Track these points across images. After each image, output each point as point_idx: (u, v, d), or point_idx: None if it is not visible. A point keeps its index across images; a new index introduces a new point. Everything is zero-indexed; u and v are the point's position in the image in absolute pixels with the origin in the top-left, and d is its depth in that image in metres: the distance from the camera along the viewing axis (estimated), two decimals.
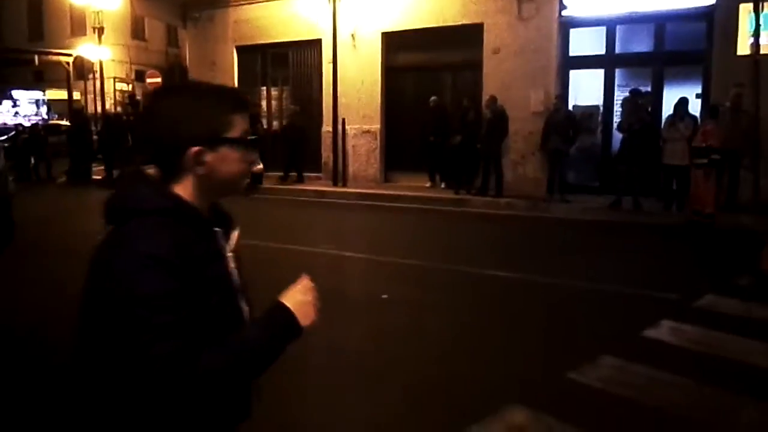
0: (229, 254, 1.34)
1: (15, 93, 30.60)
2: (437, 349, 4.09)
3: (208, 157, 1.22)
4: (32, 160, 16.02)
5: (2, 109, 30.75)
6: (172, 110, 1.24)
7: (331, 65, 13.03)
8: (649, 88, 10.68)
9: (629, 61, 11.34)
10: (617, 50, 11.19)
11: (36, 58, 22.42)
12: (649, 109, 10.10)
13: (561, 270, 6.19)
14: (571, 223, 9.16)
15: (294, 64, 14.51)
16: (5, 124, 28.25)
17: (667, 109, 9.91)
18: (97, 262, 1.20)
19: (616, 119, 10.75)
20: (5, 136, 20.95)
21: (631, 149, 9.54)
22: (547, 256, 7.10)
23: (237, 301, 1.35)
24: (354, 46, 13.17)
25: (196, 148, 1.20)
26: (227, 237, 1.35)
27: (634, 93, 9.82)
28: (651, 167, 9.65)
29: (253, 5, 14.47)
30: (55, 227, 8.91)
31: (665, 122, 9.58)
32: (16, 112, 30.13)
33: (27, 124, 20.12)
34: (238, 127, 1.25)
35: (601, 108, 11.33)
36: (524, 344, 4.22)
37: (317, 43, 13.70)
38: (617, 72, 11.24)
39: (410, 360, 3.92)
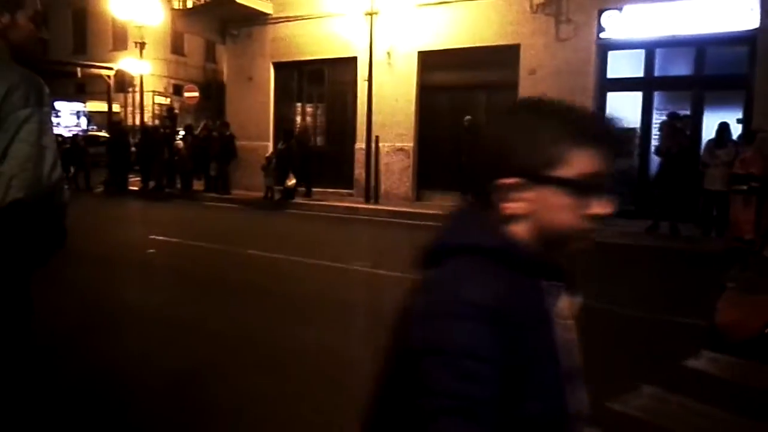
0: (566, 321, 1.05)
1: (57, 104, 31.50)
2: None
3: (524, 195, 0.95)
4: (72, 170, 16.41)
5: None
6: (501, 129, 1.03)
7: (366, 83, 13.13)
8: (688, 112, 10.53)
9: (668, 84, 11.20)
10: (656, 73, 11.07)
11: (78, 70, 23.08)
12: (688, 133, 9.94)
13: (597, 295, 6.05)
14: (607, 247, 8.97)
15: (329, 81, 14.67)
16: None
17: (707, 133, 9.75)
18: (406, 310, 0.99)
19: (654, 143, 10.59)
20: None
21: (669, 173, 9.38)
22: (582, 280, 6.96)
23: (561, 391, 0.98)
24: (389, 64, 13.26)
25: (506, 180, 0.95)
26: (565, 297, 1.06)
27: (673, 116, 9.69)
28: (689, 192, 9.47)
29: (290, 23, 14.70)
30: (90, 235, 9.08)
31: (705, 147, 9.41)
32: (58, 123, 31.01)
33: (67, 134, 20.67)
34: (577, 165, 0.94)
35: (639, 131, 11.18)
36: None
37: (353, 60, 13.83)
38: (656, 95, 11.10)
39: None
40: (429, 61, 13.08)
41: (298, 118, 15.28)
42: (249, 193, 14.12)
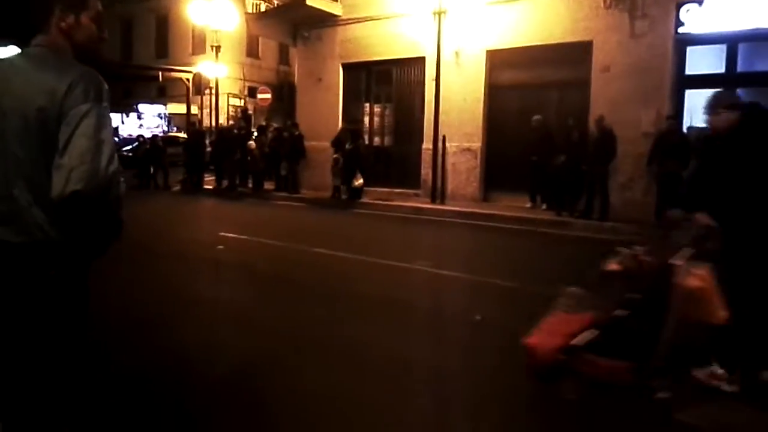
0: None
1: (141, 106, 33.11)
2: (530, 380, 3.94)
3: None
4: (151, 169, 17.19)
5: (129, 121, 33.39)
6: None
7: (434, 83, 13.10)
8: None
9: (753, 80, 10.59)
10: (739, 69, 10.49)
11: (160, 74, 24.14)
12: None
13: None
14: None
15: (397, 81, 14.72)
16: (131, 135, 30.65)
17: None
18: None
19: None
20: (129, 146, 22.69)
21: None
22: None
23: None
24: (457, 63, 13.18)
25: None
26: None
27: None
28: None
29: (359, 24, 14.85)
30: (165, 232, 9.49)
31: None
32: (141, 124, 32.59)
33: (148, 135, 21.65)
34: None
35: None
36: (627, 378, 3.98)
37: (421, 60, 13.82)
38: (739, 92, 10.48)
39: (497, 385, 3.80)
40: (497, 60, 12.90)
41: (366, 119, 15.42)
42: (317, 193, 14.36)
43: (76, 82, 1.80)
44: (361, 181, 13.25)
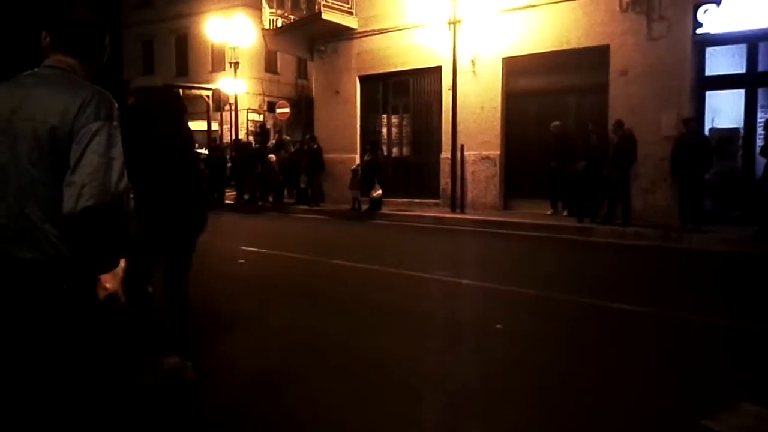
0: None
1: None
2: (550, 385, 3.88)
3: None
4: None
5: None
6: None
7: (451, 92, 13.10)
8: None
9: None
10: (760, 68, 10.33)
11: (181, 92, 24.44)
12: None
13: (695, 305, 5.71)
14: (708, 255, 8.47)
15: (414, 91, 14.75)
16: None
17: None
18: None
19: (759, 142, 9.87)
20: None
21: None
22: (679, 290, 6.59)
23: None
24: (474, 72, 13.17)
25: None
26: None
27: None
28: None
29: (375, 36, 14.94)
30: None
31: None
32: None
33: None
34: None
35: (742, 131, 10.46)
36: (652, 385, 3.91)
37: (437, 70, 13.85)
38: (760, 92, 10.36)
39: (518, 395, 3.75)
40: (514, 67, 12.87)
41: (384, 130, 15.46)
42: (337, 205, 14.40)
43: (88, 102, 1.85)
44: (379, 191, 13.26)
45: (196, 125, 30.44)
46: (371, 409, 3.49)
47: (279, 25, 16.75)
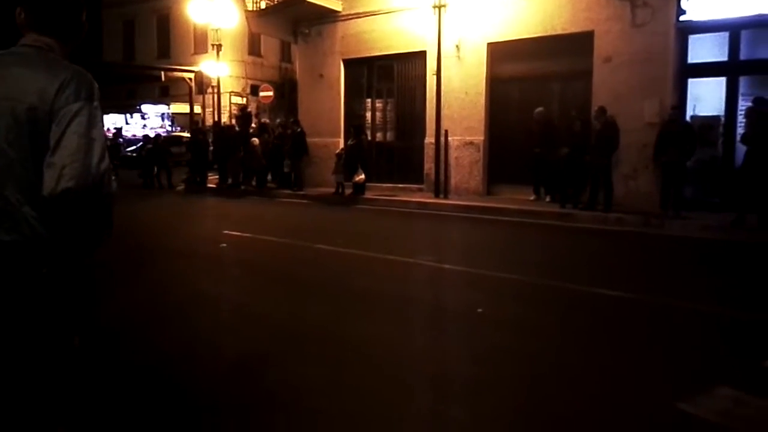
0: None
1: (144, 107, 33.17)
2: (532, 370, 3.91)
3: None
4: (155, 169, 17.22)
5: (133, 121, 33.47)
6: None
7: (435, 77, 13.05)
8: None
9: (755, 68, 10.49)
10: (742, 56, 10.40)
11: (162, 74, 24.15)
12: None
13: (675, 291, 5.79)
14: (688, 241, 8.58)
15: (398, 76, 14.67)
16: (135, 135, 30.72)
17: None
18: None
19: (740, 130, 9.97)
20: (133, 147, 22.75)
21: (755, 162, 8.79)
22: (660, 275, 6.66)
23: None
24: (458, 57, 13.12)
25: None
26: None
27: (760, 102, 9.06)
28: None
29: (360, 19, 14.80)
30: (168, 231, 9.49)
31: None
32: (145, 125, 32.65)
33: (152, 135, 21.67)
34: None
35: (723, 118, 10.55)
36: (630, 369, 3.95)
37: (422, 54, 13.77)
38: (741, 80, 10.44)
39: (501, 379, 3.78)
40: (498, 52, 12.84)
41: (368, 114, 15.38)
42: (320, 189, 14.34)
43: (68, 82, 1.81)
44: (362, 176, 13.20)
45: (179, 108, 30.21)
46: (352, 394, 3.49)
47: (262, 6, 16.53)
